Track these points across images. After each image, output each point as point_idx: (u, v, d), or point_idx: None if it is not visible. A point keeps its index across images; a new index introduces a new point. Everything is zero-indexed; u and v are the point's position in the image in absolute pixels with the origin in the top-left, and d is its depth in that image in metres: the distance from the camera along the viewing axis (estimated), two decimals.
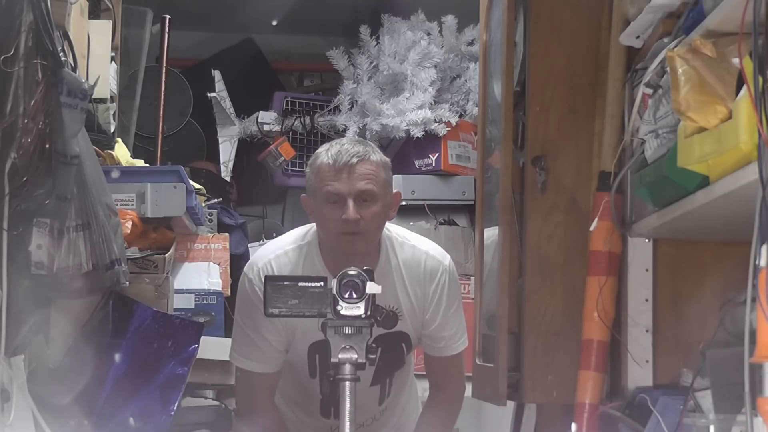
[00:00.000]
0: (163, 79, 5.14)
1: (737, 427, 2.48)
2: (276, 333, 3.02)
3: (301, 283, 2.47)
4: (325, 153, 2.97)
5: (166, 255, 3.78)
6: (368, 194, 2.91)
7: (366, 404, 3.15)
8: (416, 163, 5.05)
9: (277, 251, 3.07)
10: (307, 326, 2.95)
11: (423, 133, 4.95)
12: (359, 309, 2.40)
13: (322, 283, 2.46)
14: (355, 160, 2.91)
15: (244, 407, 3.30)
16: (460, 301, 3.15)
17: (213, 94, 5.37)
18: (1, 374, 2.75)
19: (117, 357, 3.29)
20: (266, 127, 5.34)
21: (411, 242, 3.10)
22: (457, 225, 4.99)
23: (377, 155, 2.98)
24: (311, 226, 3.08)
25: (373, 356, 2.42)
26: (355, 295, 2.43)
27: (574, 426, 3.18)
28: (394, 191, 3.04)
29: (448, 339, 3.13)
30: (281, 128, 5.32)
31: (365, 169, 2.92)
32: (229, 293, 4.18)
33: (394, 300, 3.02)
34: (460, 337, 3.16)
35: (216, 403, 4.44)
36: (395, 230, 3.12)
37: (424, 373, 3.27)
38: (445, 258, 3.11)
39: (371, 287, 2.44)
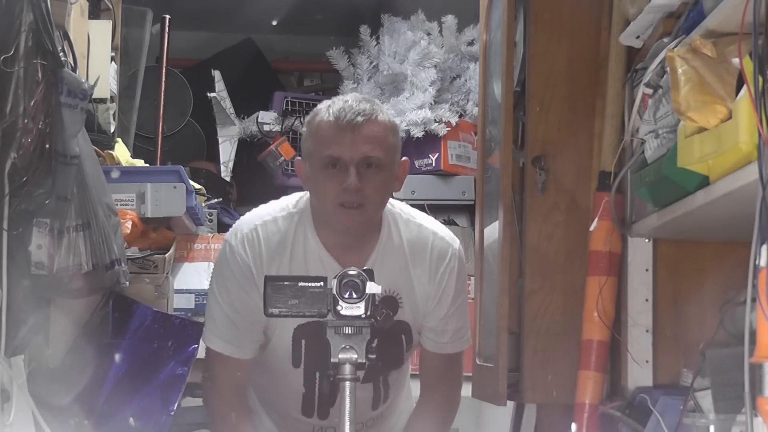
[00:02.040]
0: (163, 79, 5.14)
1: (737, 427, 2.48)
2: (257, 312, 2.57)
3: (301, 283, 2.45)
4: (326, 110, 2.61)
5: (166, 255, 3.78)
6: (374, 160, 2.56)
7: (357, 405, 2.65)
8: (416, 163, 5.04)
9: (266, 218, 2.72)
10: None
11: (423, 133, 4.94)
12: (359, 309, 2.39)
13: (322, 283, 2.45)
14: (360, 119, 2.55)
15: (210, 397, 2.87)
16: (466, 291, 2.85)
17: (213, 94, 5.37)
18: (1, 374, 2.75)
19: (117, 357, 3.29)
20: (266, 127, 5.33)
21: (417, 220, 2.75)
22: (457, 225, 4.99)
23: (385, 115, 2.61)
24: (304, 193, 2.74)
25: (373, 356, 2.39)
26: (355, 295, 2.40)
27: (574, 426, 3.18)
28: (402, 159, 2.68)
29: (453, 333, 2.81)
30: (281, 128, 5.32)
31: (372, 130, 2.56)
32: None
33: (393, 284, 2.71)
34: (465, 332, 2.85)
35: None
36: (399, 206, 2.77)
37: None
38: (454, 241, 2.78)
39: (371, 287, 2.43)
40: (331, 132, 2.57)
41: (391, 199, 2.72)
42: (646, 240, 3.19)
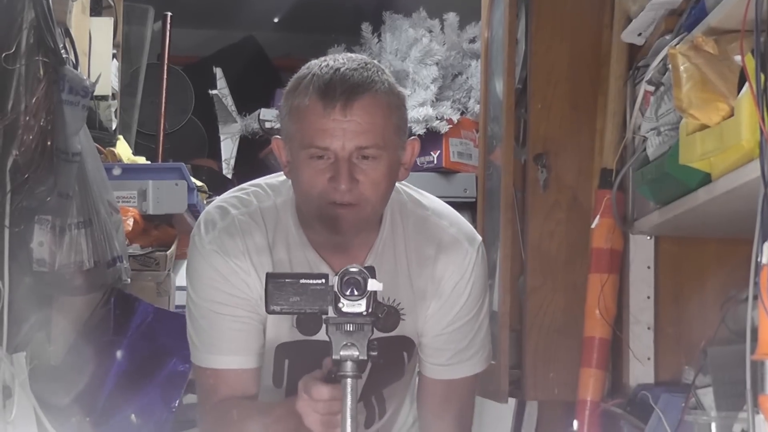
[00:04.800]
0: (165, 77, 5.14)
1: (739, 424, 2.47)
2: (252, 308, 2.23)
3: (303, 281, 2.45)
4: (310, 81, 2.03)
5: (168, 252, 3.78)
6: (372, 151, 2.05)
7: None
8: (418, 160, 5.03)
9: (241, 209, 2.23)
10: (280, 321, 2.25)
11: (424, 130, 4.93)
12: (361, 306, 2.38)
13: (323, 281, 2.44)
14: (355, 96, 2.01)
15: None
16: (485, 301, 2.33)
17: (214, 92, 5.37)
18: (3, 371, 2.75)
19: (118, 354, 3.29)
20: (268, 125, 5.33)
21: (426, 210, 2.27)
22: None
23: (387, 85, 2.07)
24: (287, 180, 2.23)
25: (374, 353, 2.31)
26: (356, 293, 2.36)
27: (575, 423, 3.18)
28: (410, 138, 2.17)
29: (456, 353, 2.32)
30: None
31: (370, 111, 2.03)
32: None
33: (393, 291, 2.27)
34: (476, 352, 2.32)
35: None
36: (406, 191, 2.29)
37: None
38: (473, 240, 2.27)
39: (373, 284, 2.42)
40: (316, 113, 2.02)
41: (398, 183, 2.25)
42: (648, 237, 3.19)
